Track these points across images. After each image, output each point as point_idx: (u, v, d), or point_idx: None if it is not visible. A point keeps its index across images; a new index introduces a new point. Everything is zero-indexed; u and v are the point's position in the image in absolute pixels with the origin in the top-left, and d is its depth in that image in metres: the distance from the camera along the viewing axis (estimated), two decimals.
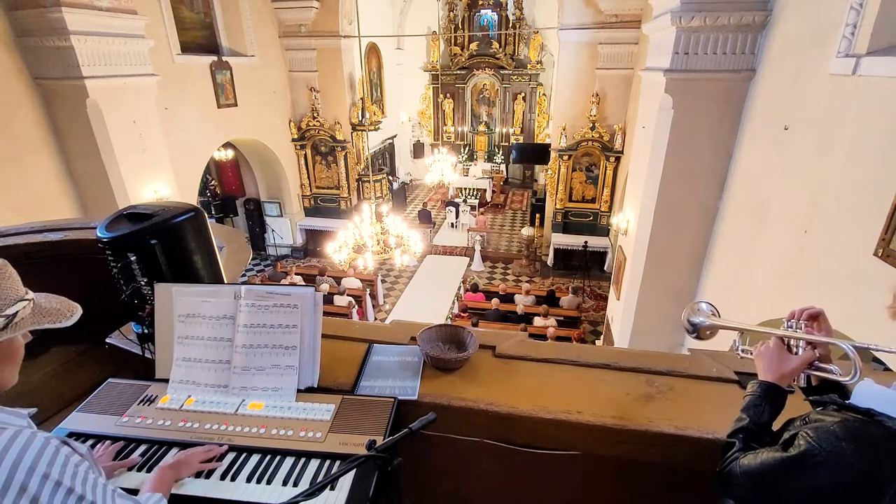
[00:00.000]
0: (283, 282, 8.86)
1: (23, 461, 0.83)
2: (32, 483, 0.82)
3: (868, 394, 0.95)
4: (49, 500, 0.83)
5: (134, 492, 1.12)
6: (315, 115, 11.10)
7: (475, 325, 7.45)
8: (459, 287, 10.49)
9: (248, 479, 1.33)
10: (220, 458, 1.39)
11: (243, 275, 9.64)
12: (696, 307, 1.38)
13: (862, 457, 0.88)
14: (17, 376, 1.02)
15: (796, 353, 1.18)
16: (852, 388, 1.15)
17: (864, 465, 0.88)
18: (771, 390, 1.14)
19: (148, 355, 1.77)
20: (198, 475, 1.33)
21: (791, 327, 1.21)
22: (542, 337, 6.77)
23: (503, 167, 17.05)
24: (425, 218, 13.36)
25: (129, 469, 1.37)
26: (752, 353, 1.27)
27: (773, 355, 1.19)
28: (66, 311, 1.04)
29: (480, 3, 15.53)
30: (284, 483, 1.32)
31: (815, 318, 1.18)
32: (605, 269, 10.92)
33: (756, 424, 1.11)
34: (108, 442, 1.45)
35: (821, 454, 0.91)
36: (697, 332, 1.36)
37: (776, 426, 1.15)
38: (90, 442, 1.45)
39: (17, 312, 0.94)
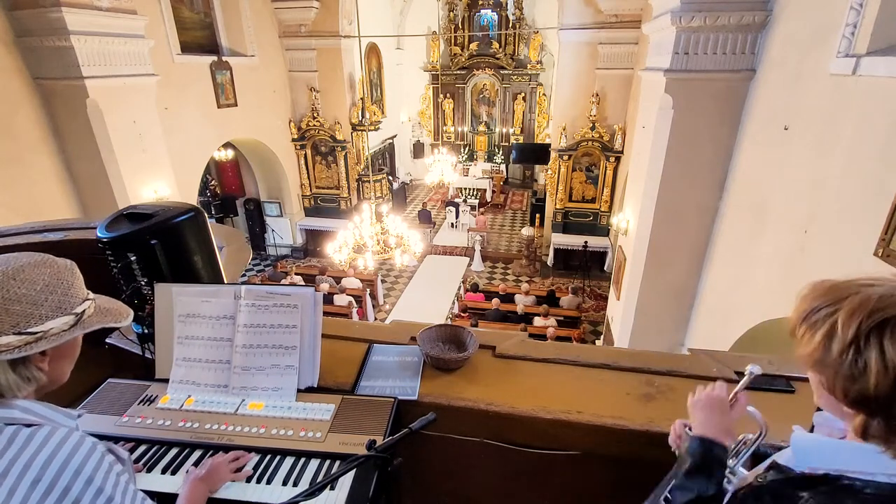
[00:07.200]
0: (283, 282, 8.86)
1: (71, 462, 0.82)
2: (77, 486, 0.82)
3: (809, 450, 0.76)
4: None
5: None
6: (315, 115, 11.10)
7: (475, 325, 7.45)
8: (459, 287, 10.48)
9: (248, 479, 1.33)
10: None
11: (243, 275, 9.64)
12: None
13: None
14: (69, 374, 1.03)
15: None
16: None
17: None
18: (719, 453, 0.96)
19: (148, 355, 1.77)
20: None
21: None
22: (542, 337, 6.77)
23: (503, 167, 17.04)
24: (425, 218, 13.35)
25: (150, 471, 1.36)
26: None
27: (718, 406, 1.05)
28: (123, 312, 1.09)
29: (480, 3, 15.52)
30: (284, 483, 1.32)
31: None
32: (605, 269, 10.91)
33: (703, 499, 0.92)
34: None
35: None
36: None
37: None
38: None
39: (84, 311, 0.98)
